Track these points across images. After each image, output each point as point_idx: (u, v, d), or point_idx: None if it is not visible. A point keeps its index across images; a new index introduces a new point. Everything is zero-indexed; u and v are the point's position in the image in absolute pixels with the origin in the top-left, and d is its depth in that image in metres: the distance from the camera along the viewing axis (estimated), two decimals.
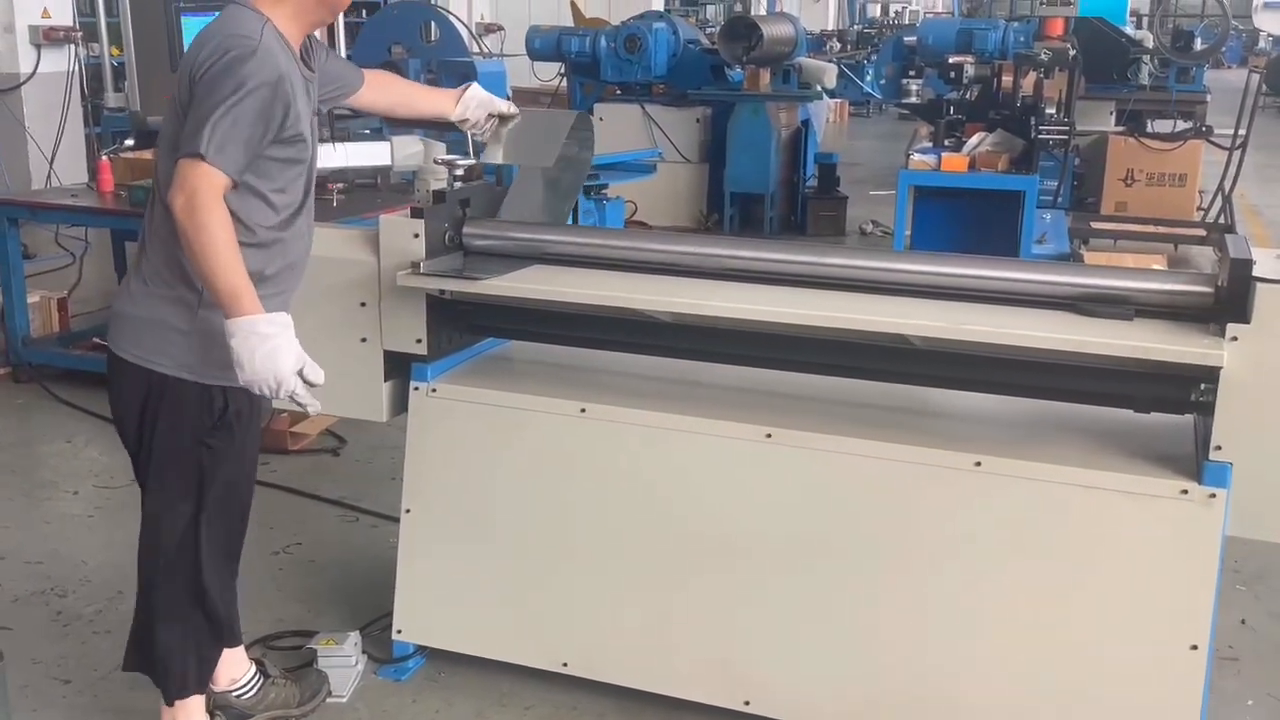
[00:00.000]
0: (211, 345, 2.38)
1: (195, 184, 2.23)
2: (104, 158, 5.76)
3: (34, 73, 8.65)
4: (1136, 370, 2.47)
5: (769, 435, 2.71)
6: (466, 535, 3.00)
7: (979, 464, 2.56)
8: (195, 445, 2.47)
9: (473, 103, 2.92)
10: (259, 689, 2.86)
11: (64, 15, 8.90)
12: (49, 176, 8.36)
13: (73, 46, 8.83)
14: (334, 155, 3.14)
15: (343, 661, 3.04)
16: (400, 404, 3.02)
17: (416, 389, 2.98)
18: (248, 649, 2.94)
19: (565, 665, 2.94)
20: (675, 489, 2.82)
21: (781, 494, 2.73)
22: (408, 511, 3.03)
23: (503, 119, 2.98)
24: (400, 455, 3.05)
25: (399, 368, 2.98)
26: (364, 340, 2.94)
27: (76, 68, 8.84)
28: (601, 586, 2.90)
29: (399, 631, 3.08)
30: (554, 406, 2.89)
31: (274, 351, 2.24)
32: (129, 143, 5.94)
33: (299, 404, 2.35)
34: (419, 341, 2.92)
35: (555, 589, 2.94)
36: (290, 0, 2.40)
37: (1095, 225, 8.41)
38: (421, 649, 3.13)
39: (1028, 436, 2.68)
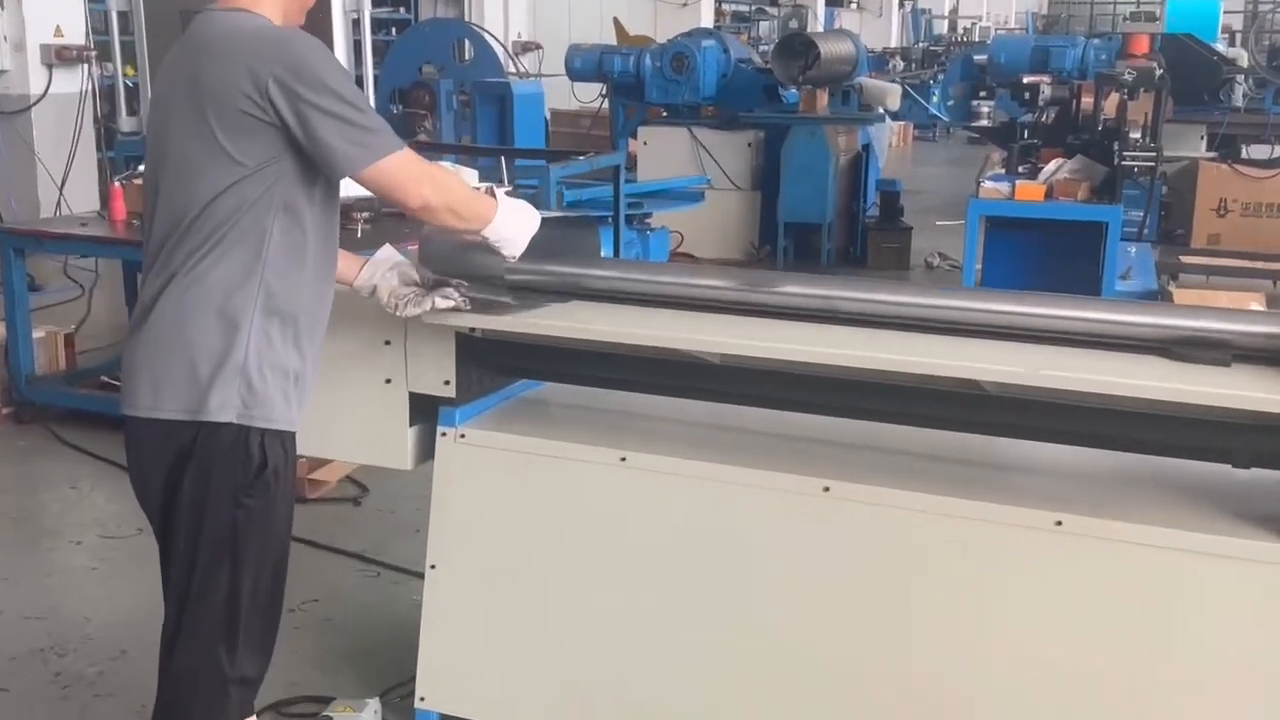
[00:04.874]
0: (259, 382, 2.38)
1: (412, 172, 2.40)
2: (116, 184, 5.84)
3: (45, 93, 8.82)
4: (1234, 421, 2.43)
5: (827, 489, 2.69)
6: (496, 595, 2.99)
7: (1059, 523, 2.53)
8: (230, 507, 2.42)
9: (382, 268, 2.75)
10: None
11: (77, 34, 9.08)
12: (59, 204, 8.50)
13: (86, 66, 9.01)
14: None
15: None
16: (426, 451, 3.02)
17: (444, 434, 2.98)
18: (259, 715, 2.93)
19: None
20: (724, 546, 2.79)
21: (841, 553, 2.70)
22: (433, 568, 3.02)
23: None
24: (426, 505, 3.05)
25: (425, 411, 2.98)
26: (388, 381, 2.95)
27: (90, 88, 9.00)
28: (644, 653, 2.87)
29: (422, 699, 3.06)
30: (592, 455, 2.88)
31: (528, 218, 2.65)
32: (142, 168, 6.04)
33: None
34: (447, 383, 2.92)
35: (593, 655, 2.92)
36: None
37: (1185, 260, 8.31)
38: (446, 718, 3.11)
39: (1113, 494, 2.64)
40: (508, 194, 2.85)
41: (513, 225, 2.61)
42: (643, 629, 2.87)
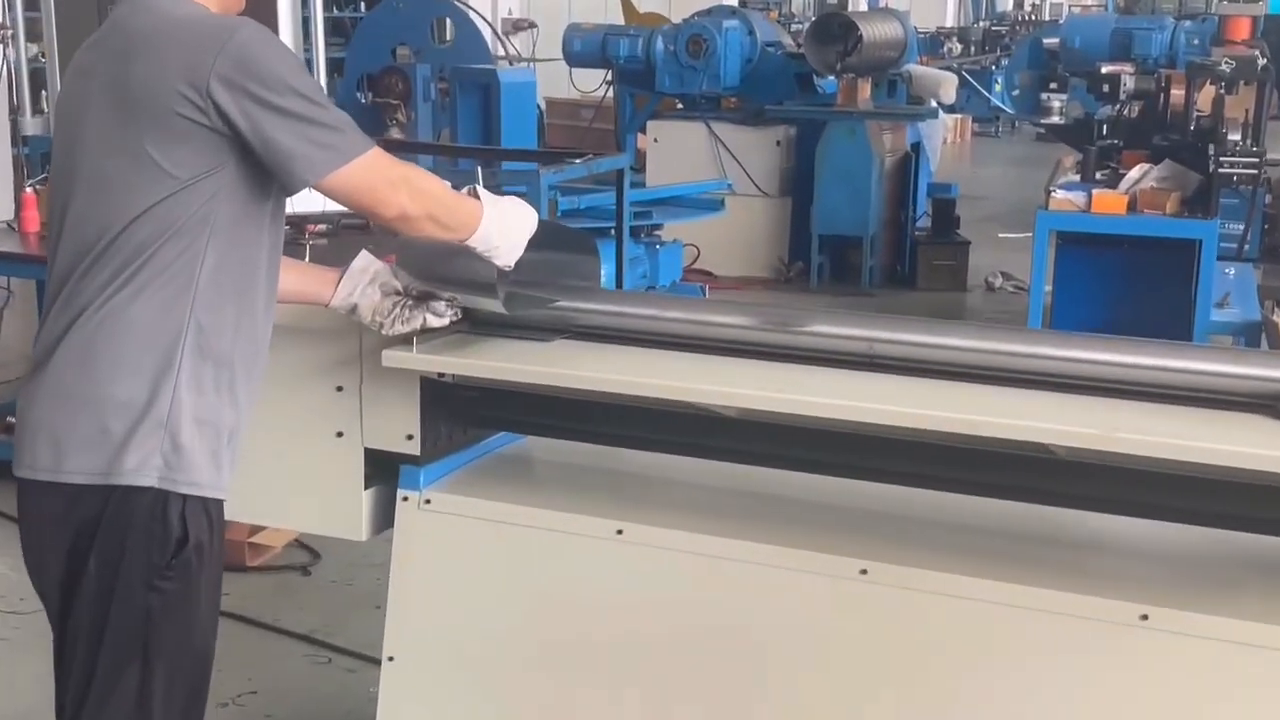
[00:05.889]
0: (186, 439, 2.37)
1: (386, 176, 2.40)
2: (29, 189, 5.84)
3: None
4: None
5: (864, 571, 2.66)
6: (467, 691, 2.97)
7: (1145, 617, 2.49)
8: (143, 590, 2.40)
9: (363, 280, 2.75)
10: None
11: None
12: None
13: (3, 47, 9.04)
14: (315, 194, 3.21)
15: None
16: (385, 518, 3.01)
17: (406, 499, 2.97)
18: None
19: None
20: (739, 639, 2.77)
21: (881, 649, 2.68)
22: (390, 660, 3.00)
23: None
24: (388, 574, 3.03)
25: (384, 471, 2.98)
26: (339, 435, 2.95)
27: (5, 72, 9.04)
28: None
29: None
30: (582, 526, 2.86)
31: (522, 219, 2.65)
32: None
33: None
34: (410, 438, 2.92)
35: None
36: None
37: None
38: None
39: (1211, 581, 2.61)
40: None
41: (504, 231, 2.62)
42: None
